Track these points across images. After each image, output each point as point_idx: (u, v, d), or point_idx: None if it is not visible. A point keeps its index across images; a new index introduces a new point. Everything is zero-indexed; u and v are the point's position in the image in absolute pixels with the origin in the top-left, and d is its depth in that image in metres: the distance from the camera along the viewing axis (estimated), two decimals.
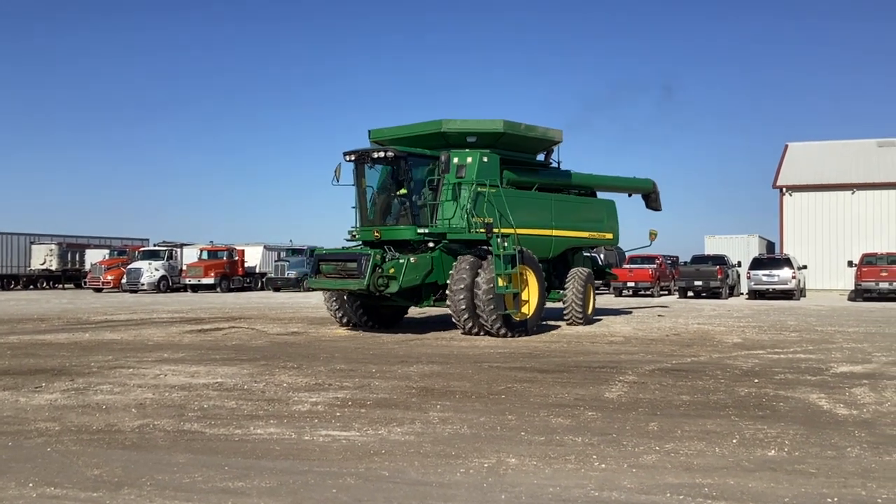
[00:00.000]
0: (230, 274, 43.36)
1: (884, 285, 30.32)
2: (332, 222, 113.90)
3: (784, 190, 39.81)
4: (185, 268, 42.98)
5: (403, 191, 16.32)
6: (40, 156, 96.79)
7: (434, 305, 16.67)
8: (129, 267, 42.15)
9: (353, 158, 16.57)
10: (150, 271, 41.46)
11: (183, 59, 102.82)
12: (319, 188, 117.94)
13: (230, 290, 42.35)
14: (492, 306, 14.89)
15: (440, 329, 16.80)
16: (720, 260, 35.48)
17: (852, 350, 12.93)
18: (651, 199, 22.67)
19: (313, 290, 16.70)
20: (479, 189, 16.18)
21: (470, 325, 15.25)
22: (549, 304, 17.48)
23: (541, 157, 19.15)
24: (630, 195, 22.35)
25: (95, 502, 4.82)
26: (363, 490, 5.05)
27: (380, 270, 15.14)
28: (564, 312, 18.26)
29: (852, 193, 38.62)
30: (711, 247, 41.42)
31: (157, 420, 7.25)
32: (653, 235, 21.27)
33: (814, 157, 43.16)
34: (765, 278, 32.29)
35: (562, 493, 4.96)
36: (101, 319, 20.48)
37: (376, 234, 16.24)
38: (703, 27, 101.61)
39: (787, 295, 32.29)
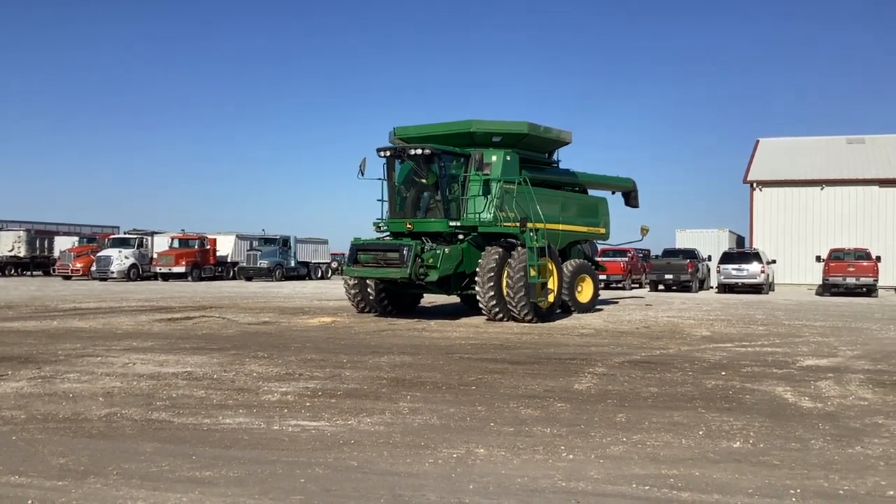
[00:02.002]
0: (201, 263, 43.06)
1: (850, 280, 30.77)
2: (306, 212, 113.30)
3: (754, 185, 40.18)
4: (155, 256, 42.61)
5: (433, 181, 17.29)
6: (8, 142, 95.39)
7: (461, 293, 17.92)
8: (98, 255, 41.71)
9: (386, 154, 17.57)
10: (120, 259, 41.04)
11: (158, 48, 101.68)
12: (294, 178, 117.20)
13: (201, 280, 42.05)
14: (522, 293, 16.14)
15: (434, 317, 16.82)
16: (691, 254, 35.80)
17: (818, 344, 13.11)
18: (630, 197, 23.80)
19: (353, 277, 17.95)
20: (505, 186, 17.42)
21: (497, 311, 16.44)
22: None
23: (545, 155, 20.44)
24: (613, 192, 23.38)
25: (61, 491, 4.78)
26: (332, 480, 5.05)
27: (420, 260, 16.26)
28: None
29: (821, 189, 39.08)
30: (682, 241, 41.76)
31: (124, 409, 7.19)
32: (644, 230, 22.35)
33: (784, 153, 43.59)
34: (734, 272, 32.64)
35: (529, 484, 5.00)
36: (69, 307, 20.26)
37: (409, 225, 17.37)
38: (676, 25, 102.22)
39: (755, 289, 32.66)
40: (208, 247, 43.99)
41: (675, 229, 43.19)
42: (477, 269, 16.63)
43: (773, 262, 35.28)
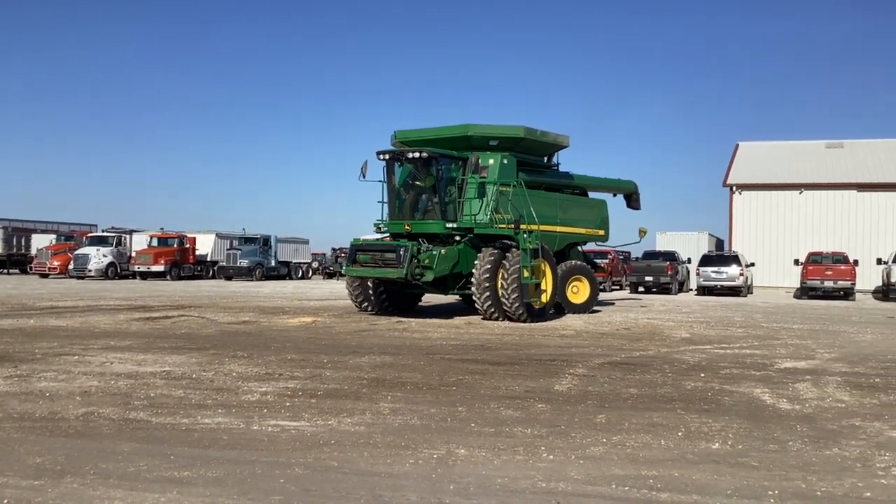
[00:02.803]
0: (181, 262, 42.79)
1: (828, 284, 31.01)
2: (288, 212, 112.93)
3: (734, 188, 40.48)
4: (134, 254, 42.32)
5: (431, 183, 17.78)
6: None
7: (457, 293, 18.33)
8: (76, 253, 41.39)
9: (386, 157, 18.10)
10: (98, 257, 40.74)
11: (137, 47, 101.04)
12: (275, 177, 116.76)
13: (180, 278, 41.79)
14: (516, 294, 16.56)
15: (432, 317, 16.81)
16: (671, 256, 35.97)
17: (796, 346, 13.21)
18: (632, 199, 24.27)
19: (351, 276, 18.52)
20: (501, 188, 17.91)
21: (492, 310, 16.85)
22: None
23: (544, 158, 20.87)
24: (614, 195, 23.85)
25: (37, 490, 4.73)
26: (311, 480, 5.03)
27: (416, 261, 16.72)
28: None
29: (800, 193, 39.43)
30: (663, 243, 41.97)
31: (101, 408, 7.13)
32: (642, 233, 23.06)
33: (763, 156, 43.94)
34: (713, 275, 32.86)
35: (510, 484, 5.00)
36: (46, 306, 20.06)
37: (407, 227, 17.75)
38: (654, 28, 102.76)
39: (734, 291, 32.88)
40: (188, 245, 43.71)
41: (655, 232, 43.40)
42: (473, 270, 17.03)
43: (752, 264, 35.54)
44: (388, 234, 18.65)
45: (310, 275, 51.64)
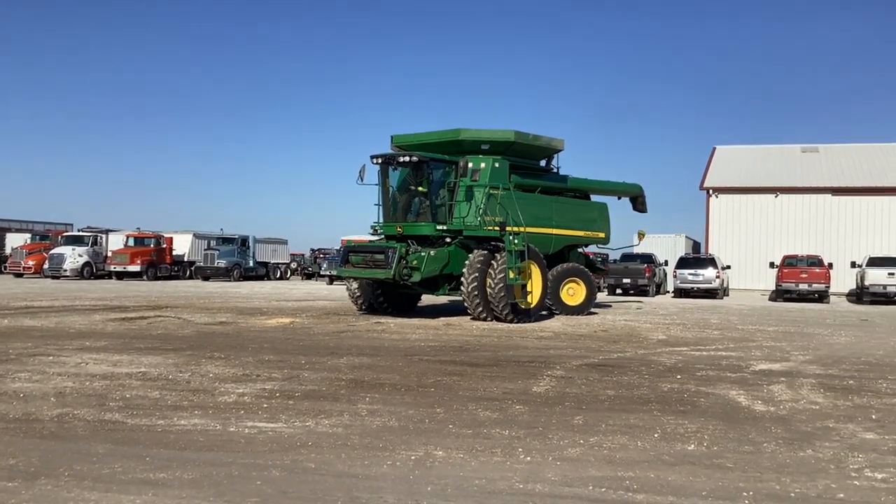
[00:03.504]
0: (157, 262, 42.47)
1: (803, 286, 31.28)
2: (266, 213, 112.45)
3: (710, 192, 40.77)
4: (110, 254, 41.95)
5: (423, 190, 18.19)
6: None
7: (448, 294, 18.58)
8: (51, 252, 40.97)
9: (379, 161, 18.44)
10: (73, 257, 40.36)
11: (112, 47, 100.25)
12: (253, 177, 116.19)
13: (157, 279, 41.48)
14: (502, 294, 16.87)
15: (430, 317, 16.79)
16: (648, 259, 36.13)
17: (771, 349, 13.32)
18: (638, 202, 24.64)
19: (343, 277, 19.41)
20: (491, 191, 18.33)
21: (480, 310, 17.17)
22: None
23: (542, 162, 21.37)
24: (619, 198, 24.20)
25: (10, 492, 4.68)
26: (288, 482, 5.01)
27: (404, 262, 17.14)
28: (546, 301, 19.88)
29: (776, 197, 39.78)
30: (640, 245, 42.11)
31: (76, 409, 7.07)
32: (641, 236, 23.71)
33: (740, 160, 44.31)
34: (690, 277, 33.05)
35: (487, 486, 5.01)
36: (21, 305, 19.85)
37: (399, 228, 18.13)
38: (633, 30, 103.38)
39: (710, 294, 33.09)
40: (164, 245, 43.39)
41: (633, 234, 43.48)
42: (463, 271, 17.35)
43: (728, 267, 35.79)
44: (382, 236, 19.03)
45: (288, 275, 51.42)
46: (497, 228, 17.73)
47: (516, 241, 17.40)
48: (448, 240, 18.18)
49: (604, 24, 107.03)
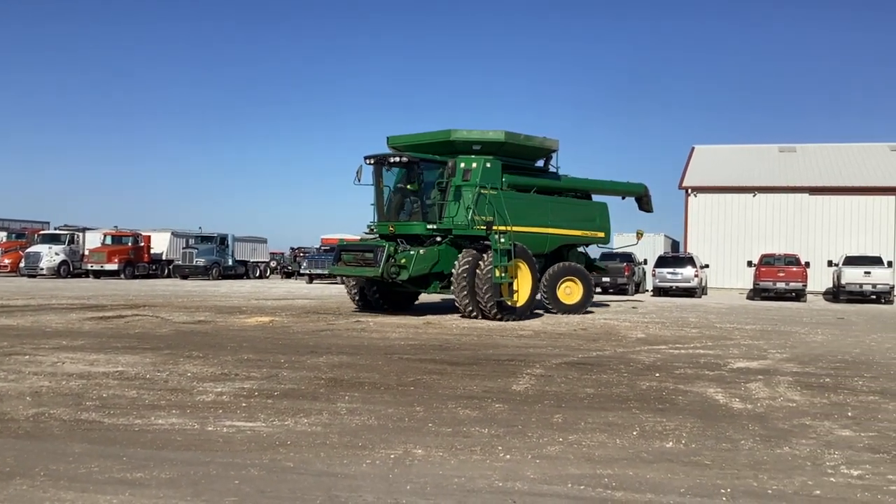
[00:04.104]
0: (135, 260, 42.16)
1: (780, 285, 31.54)
2: (245, 210, 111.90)
3: (689, 191, 41.00)
4: (87, 253, 41.59)
5: (415, 189, 18.75)
6: None
7: (440, 292, 18.96)
8: (27, 250, 40.59)
9: (372, 162, 18.79)
10: (50, 255, 39.99)
11: (84, 45, 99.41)
12: (232, 175, 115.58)
13: (135, 277, 41.17)
14: (489, 294, 17.15)
15: (425, 314, 16.76)
16: (627, 257, 36.26)
17: (749, 347, 13.42)
18: (643, 202, 24.79)
19: (335, 275, 19.83)
20: (481, 191, 18.59)
21: (470, 308, 17.50)
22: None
23: (540, 163, 21.60)
24: (623, 198, 24.39)
25: None
26: (267, 481, 4.99)
27: (392, 260, 17.55)
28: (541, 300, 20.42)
29: (753, 196, 40.07)
30: (619, 244, 42.30)
31: (52, 409, 7.00)
32: (639, 235, 24.17)
33: (718, 160, 44.60)
34: (669, 276, 33.22)
35: (466, 484, 5.01)
36: None
37: (391, 228, 18.59)
38: (609, 31, 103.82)
39: (689, 292, 33.28)
40: (142, 244, 43.08)
41: (613, 233, 43.66)
42: (453, 270, 17.66)
43: (707, 266, 36.01)
44: (377, 235, 19.35)
45: (268, 274, 51.21)
46: (483, 227, 17.98)
47: (503, 240, 17.59)
48: (438, 239, 18.50)
49: (578, 20, 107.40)
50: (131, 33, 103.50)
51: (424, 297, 22.79)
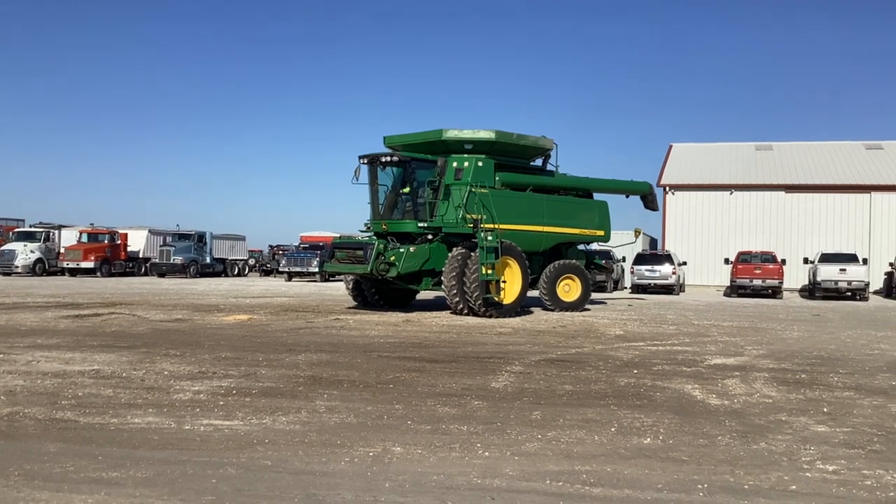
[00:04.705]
0: (111, 258, 41.80)
1: (757, 282, 31.78)
2: (223, 208, 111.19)
3: (667, 189, 41.21)
4: (63, 251, 41.17)
5: (407, 189, 19.22)
6: None
7: (432, 289, 19.21)
8: (2, 248, 40.15)
9: (365, 161, 19.14)
10: (25, 253, 39.59)
11: (68, 40, 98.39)
12: (210, 174, 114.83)
13: (111, 275, 40.83)
14: (477, 291, 17.39)
15: (421, 311, 16.71)
16: (606, 255, 36.38)
17: (726, 343, 13.51)
18: (648, 201, 24.97)
19: (328, 272, 20.22)
20: (471, 189, 18.80)
21: (460, 306, 17.80)
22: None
23: (539, 162, 21.79)
24: (627, 196, 24.61)
25: None
26: (244, 480, 4.96)
27: (382, 258, 17.92)
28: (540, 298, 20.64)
29: (730, 194, 40.36)
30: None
31: (27, 408, 6.92)
32: (637, 233, 24.63)
33: (696, 158, 44.87)
34: (647, 273, 33.37)
35: (445, 481, 5.01)
36: None
37: (384, 226, 19.09)
38: (588, 29, 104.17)
39: (667, 289, 33.47)
40: (119, 242, 42.72)
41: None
42: (443, 268, 17.95)
43: (685, 263, 36.23)
44: (373, 233, 19.72)
45: (246, 272, 50.95)
46: (470, 226, 18.24)
47: (490, 238, 17.78)
48: (430, 237, 18.82)
49: (554, 19, 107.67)
50: (110, 30, 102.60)
51: (423, 295, 23.01)
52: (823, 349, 12.90)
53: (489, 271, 17.51)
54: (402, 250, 18.08)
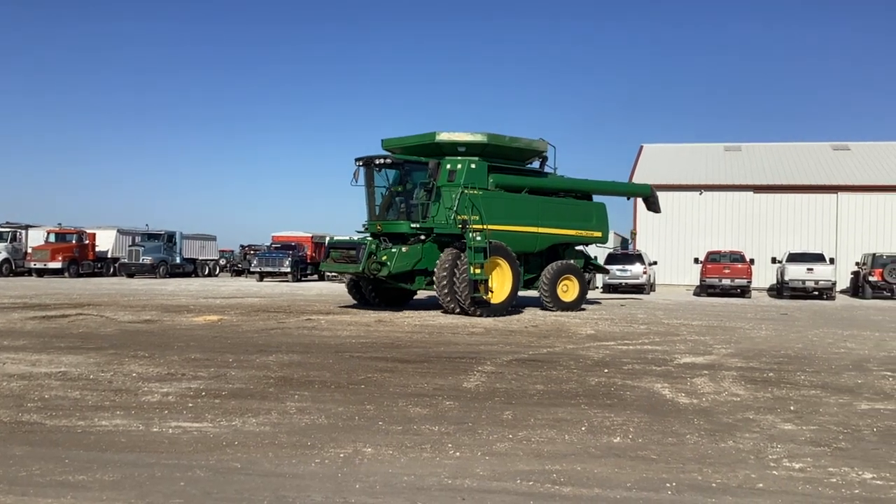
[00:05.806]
0: (80, 258, 41.25)
1: (726, 282, 32.05)
2: (193, 208, 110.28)
3: None
4: (30, 251, 40.57)
5: (401, 190, 19.60)
6: None
7: (425, 288, 19.59)
8: None
9: (361, 163, 19.59)
10: None
11: (48, 41, 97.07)
12: (182, 172, 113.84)
13: (79, 276, 40.30)
14: (467, 290, 17.79)
15: (419, 311, 16.63)
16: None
17: (695, 342, 13.63)
18: (650, 203, 25.42)
19: (324, 272, 20.47)
20: (463, 191, 19.12)
21: (451, 305, 18.14)
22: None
23: (536, 164, 22.12)
24: (629, 198, 25.28)
25: None
26: (213, 482, 4.92)
27: (374, 257, 18.39)
28: (540, 298, 20.90)
29: (700, 194, 40.72)
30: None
31: None
32: (633, 235, 23.70)
33: (666, 158, 45.25)
34: (618, 273, 33.51)
35: (416, 482, 5.01)
36: None
37: (379, 227, 19.50)
38: (563, 30, 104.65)
39: (638, 289, 33.67)
40: (87, 241, 42.20)
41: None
42: (435, 268, 18.33)
43: (655, 263, 36.48)
44: (369, 234, 19.97)
45: (217, 272, 50.53)
46: (460, 226, 18.54)
47: (478, 239, 18.07)
48: (423, 237, 19.10)
49: (525, 19, 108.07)
50: (89, 30, 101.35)
51: (421, 294, 23.22)
52: (791, 348, 13.05)
53: (478, 271, 17.81)
54: (393, 250, 18.46)
